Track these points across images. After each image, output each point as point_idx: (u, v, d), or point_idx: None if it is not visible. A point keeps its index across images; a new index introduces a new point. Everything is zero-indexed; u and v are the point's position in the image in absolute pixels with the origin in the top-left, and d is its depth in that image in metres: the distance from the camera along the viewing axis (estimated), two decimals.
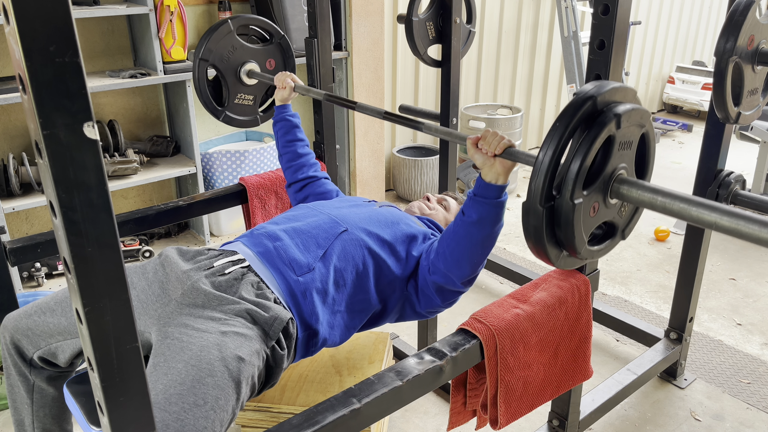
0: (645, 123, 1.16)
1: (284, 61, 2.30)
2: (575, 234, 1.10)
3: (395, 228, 1.62)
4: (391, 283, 1.58)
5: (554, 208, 1.10)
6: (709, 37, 6.45)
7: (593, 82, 1.13)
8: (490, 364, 1.35)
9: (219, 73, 2.16)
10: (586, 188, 1.10)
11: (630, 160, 1.17)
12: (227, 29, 2.11)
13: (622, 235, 1.26)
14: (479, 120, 4.08)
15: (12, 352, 1.46)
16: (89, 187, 0.68)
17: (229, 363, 1.22)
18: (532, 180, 1.09)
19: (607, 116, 1.07)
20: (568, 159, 1.08)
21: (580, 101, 1.08)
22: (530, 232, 1.13)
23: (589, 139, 1.06)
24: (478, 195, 1.39)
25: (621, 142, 1.12)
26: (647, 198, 1.09)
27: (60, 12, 0.61)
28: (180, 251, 1.49)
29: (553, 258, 1.16)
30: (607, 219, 1.20)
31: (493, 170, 1.37)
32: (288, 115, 2.02)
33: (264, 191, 2.17)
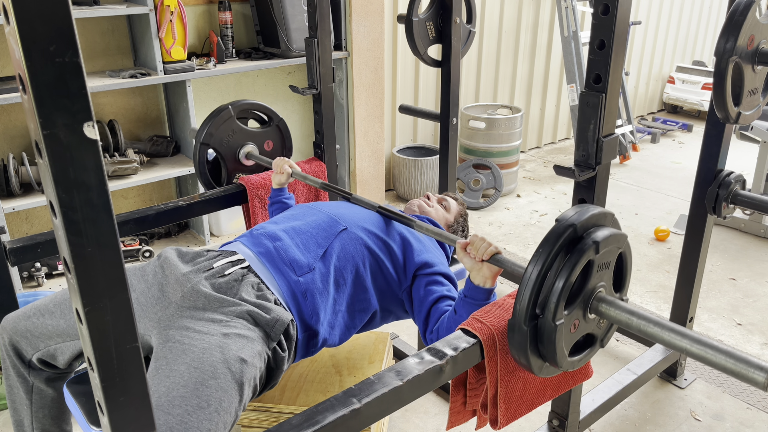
0: (621, 245, 1.25)
1: (282, 142, 2.36)
2: (557, 351, 1.20)
3: (391, 228, 1.64)
4: (388, 283, 1.58)
5: (537, 327, 1.20)
6: (709, 37, 6.45)
7: (575, 208, 1.23)
8: (490, 364, 1.35)
9: (219, 155, 2.23)
10: (567, 307, 1.19)
11: (608, 278, 1.27)
12: (228, 115, 2.19)
13: (600, 344, 1.35)
14: (479, 120, 4.08)
15: (11, 353, 1.46)
16: (89, 187, 0.68)
17: (232, 365, 1.22)
18: (517, 300, 1.20)
19: (586, 243, 1.17)
20: (551, 281, 1.17)
21: (562, 229, 1.18)
22: (515, 347, 1.24)
23: (570, 265, 1.16)
24: (468, 297, 1.44)
25: (599, 264, 1.21)
26: (624, 318, 1.20)
27: (60, 12, 0.61)
28: (179, 252, 1.49)
29: (536, 369, 1.26)
30: (586, 332, 1.29)
31: (480, 274, 1.42)
32: (284, 198, 2.07)
33: (264, 191, 2.17)
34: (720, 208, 2.05)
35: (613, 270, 1.28)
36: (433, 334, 1.53)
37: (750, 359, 1.04)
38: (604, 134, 1.48)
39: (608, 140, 1.49)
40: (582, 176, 1.50)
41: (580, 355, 1.30)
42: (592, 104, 1.45)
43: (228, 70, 3.17)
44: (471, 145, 4.14)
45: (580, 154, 1.51)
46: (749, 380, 1.03)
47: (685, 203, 4.03)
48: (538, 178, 4.57)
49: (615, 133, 1.51)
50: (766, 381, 1.01)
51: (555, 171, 1.50)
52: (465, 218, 2.01)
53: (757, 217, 3.58)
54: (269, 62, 3.29)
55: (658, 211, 3.96)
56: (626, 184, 4.43)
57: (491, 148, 4.08)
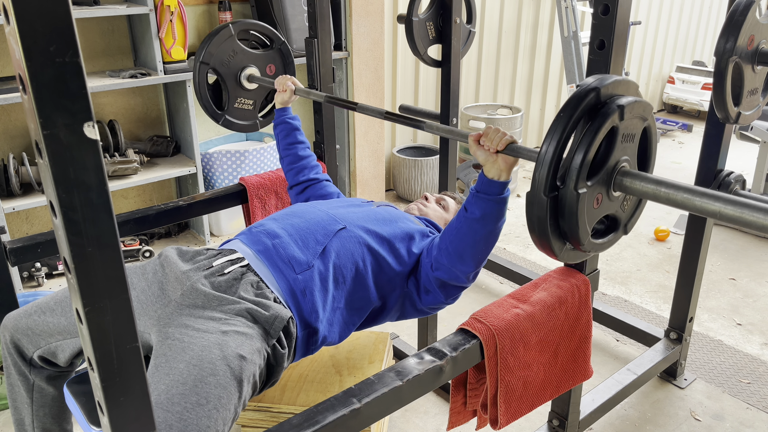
0: (647, 116, 1.16)
1: (284, 67, 2.30)
2: (579, 225, 1.10)
3: (393, 225, 1.63)
4: (390, 280, 1.58)
5: (558, 198, 1.10)
6: (709, 37, 6.45)
7: (595, 75, 1.13)
8: (490, 364, 1.35)
9: (219, 77, 2.16)
10: (589, 179, 1.10)
11: (633, 153, 1.17)
12: (228, 33, 2.12)
13: (624, 230, 1.26)
14: (479, 120, 4.08)
15: (12, 351, 1.47)
16: (89, 187, 0.68)
17: (231, 362, 1.22)
18: (536, 171, 1.09)
19: (610, 107, 1.08)
20: (572, 150, 1.08)
21: (584, 93, 1.08)
22: (534, 224, 1.13)
23: (592, 131, 1.06)
24: (481, 191, 1.39)
25: (624, 134, 1.12)
26: (650, 189, 1.10)
27: (60, 12, 0.61)
28: (179, 251, 1.49)
29: (557, 250, 1.16)
30: (609, 212, 1.20)
31: (495, 167, 1.37)
32: (288, 118, 2.02)
33: (264, 191, 2.17)
34: None
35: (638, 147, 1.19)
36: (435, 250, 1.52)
37: None
38: None
39: None
40: None
41: (604, 239, 1.22)
42: None
43: None
44: None
45: None
46: None
47: None
48: None
49: None
50: None
51: None
52: None
53: None
54: None
55: (658, 211, 3.96)
56: None
57: None
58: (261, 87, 2.24)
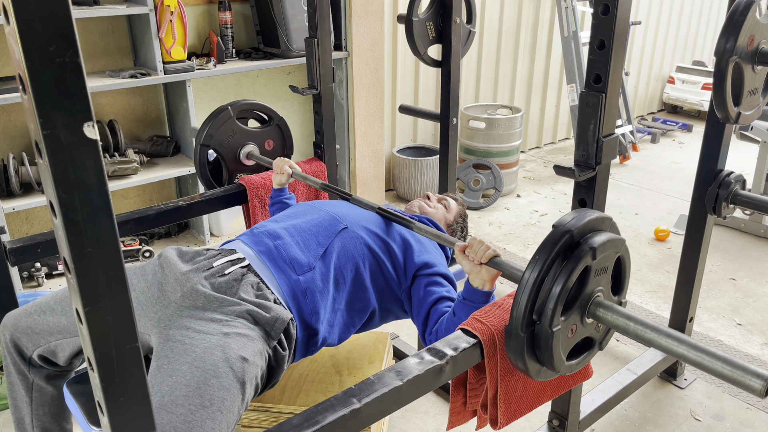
0: (619, 249, 1.24)
1: (283, 141, 2.36)
2: (554, 356, 1.20)
3: (391, 228, 1.64)
4: (388, 283, 1.58)
5: (535, 332, 1.19)
6: (709, 37, 6.45)
7: (573, 213, 1.22)
8: (490, 364, 1.35)
9: (219, 156, 2.23)
10: (564, 313, 1.18)
11: (606, 282, 1.26)
12: (227, 116, 2.19)
13: (599, 347, 1.34)
14: (479, 120, 4.08)
15: (12, 350, 1.47)
16: (89, 187, 0.68)
17: (233, 364, 1.22)
18: (514, 307, 1.19)
19: (583, 249, 1.17)
20: (548, 286, 1.16)
21: (558, 235, 1.17)
22: (512, 352, 1.24)
23: (567, 271, 1.15)
24: (467, 299, 1.44)
25: (597, 270, 1.21)
26: (621, 323, 1.19)
27: (60, 12, 0.61)
28: (179, 252, 1.49)
29: (533, 373, 1.26)
30: (585, 335, 1.28)
31: (479, 277, 1.42)
32: (285, 199, 2.07)
33: (264, 191, 2.17)
34: (720, 208, 2.05)
35: (612, 273, 1.27)
36: (432, 335, 1.53)
37: (747, 366, 1.03)
38: (604, 134, 1.48)
39: (608, 140, 1.49)
40: (582, 176, 1.50)
41: (578, 359, 1.30)
42: (592, 104, 1.45)
43: (228, 70, 3.17)
44: (471, 145, 4.14)
45: (580, 154, 1.51)
46: (746, 387, 1.02)
47: (685, 203, 4.03)
48: (538, 178, 4.57)
49: (615, 133, 1.51)
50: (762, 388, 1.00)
51: (555, 171, 1.50)
52: (464, 218, 2.02)
53: (757, 217, 3.58)
54: (269, 62, 3.29)
55: (658, 211, 3.96)
56: (626, 184, 4.43)
57: (491, 148, 4.08)
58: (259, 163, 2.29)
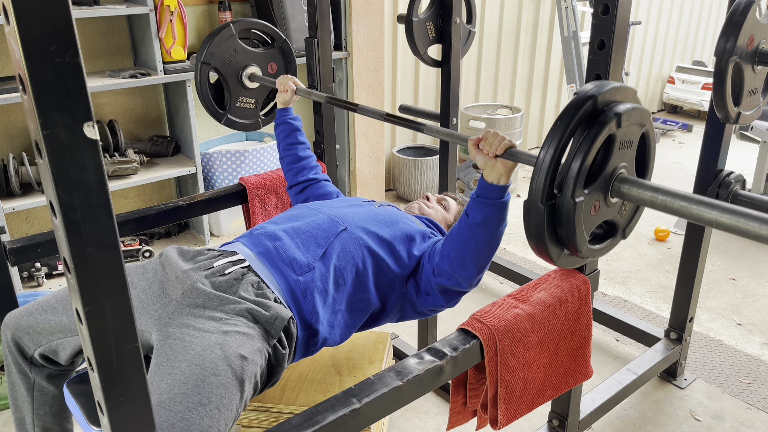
0: (645, 122, 1.16)
1: (286, 65, 2.30)
2: (576, 232, 1.11)
3: (394, 227, 1.63)
4: (390, 282, 1.58)
5: (555, 206, 1.11)
6: (709, 37, 6.45)
7: (593, 82, 1.13)
8: (490, 364, 1.35)
9: (221, 76, 2.16)
10: (587, 187, 1.10)
11: (630, 160, 1.18)
12: (229, 33, 2.12)
13: (623, 234, 1.26)
14: (479, 120, 4.08)
15: (13, 349, 1.47)
16: (89, 187, 0.68)
17: (233, 362, 1.22)
18: (533, 179, 1.10)
19: (608, 115, 1.08)
20: (569, 158, 1.08)
21: (581, 100, 1.08)
22: (532, 231, 1.14)
23: (589, 138, 1.07)
24: (481, 196, 1.40)
25: (621, 141, 1.13)
26: (648, 197, 1.10)
27: (60, 12, 0.61)
28: (180, 251, 1.49)
29: (555, 256, 1.16)
30: (608, 218, 1.20)
31: (494, 171, 1.37)
32: (289, 118, 2.02)
33: (264, 191, 2.17)
34: None
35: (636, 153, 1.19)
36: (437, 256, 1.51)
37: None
38: None
39: None
40: None
41: (602, 245, 1.22)
42: None
43: None
44: None
45: None
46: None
47: None
48: None
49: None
50: None
51: None
52: None
53: None
54: None
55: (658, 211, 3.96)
56: None
57: None
58: (262, 86, 2.24)
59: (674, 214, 1.08)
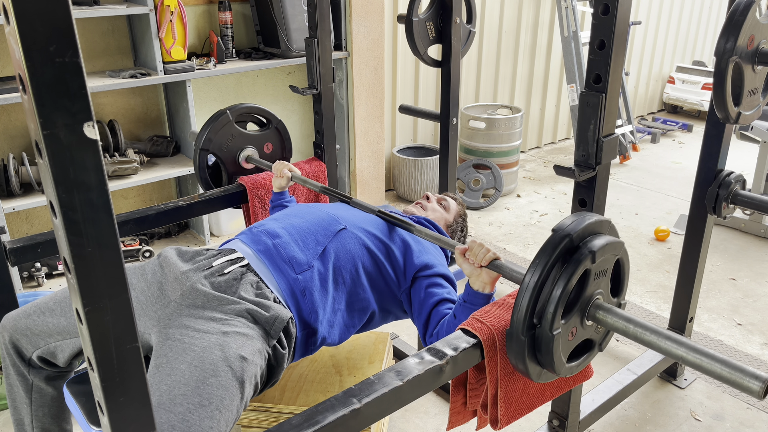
0: (618, 252, 1.25)
1: (282, 144, 2.36)
2: (554, 359, 1.21)
3: (391, 230, 1.64)
4: (387, 284, 1.58)
5: (535, 336, 1.20)
6: (709, 37, 6.45)
7: (572, 217, 1.23)
8: (490, 364, 1.35)
9: (219, 159, 2.24)
10: (564, 316, 1.19)
11: (606, 285, 1.27)
12: (226, 120, 2.19)
13: (599, 348, 1.35)
14: (479, 120, 4.08)
15: (11, 351, 1.47)
16: (89, 187, 0.68)
17: (233, 363, 1.22)
18: (515, 311, 1.20)
19: (583, 253, 1.18)
20: (548, 290, 1.17)
21: (558, 239, 1.18)
22: (513, 356, 1.25)
23: (567, 275, 1.16)
24: (468, 302, 1.44)
25: (596, 273, 1.22)
26: (621, 325, 1.20)
27: (60, 12, 0.61)
28: (179, 251, 1.49)
29: (534, 376, 1.27)
30: (584, 338, 1.29)
31: (479, 280, 1.42)
32: (285, 202, 2.07)
33: (264, 191, 2.17)
34: (720, 208, 2.05)
35: (611, 275, 1.28)
36: (433, 337, 1.53)
37: (745, 368, 1.04)
38: (604, 134, 1.48)
39: (608, 140, 1.49)
40: (582, 176, 1.50)
41: (578, 360, 1.31)
42: (592, 104, 1.45)
43: (228, 70, 3.17)
44: (471, 145, 4.14)
45: (580, 154, 1.51)
46: (744, 389, 1.03)
47: (685, 203, 4.03)
48: (538, 178, 4.57)
49: (615, 133, 1.51)
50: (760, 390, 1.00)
51: (555, 171, 1.50)
52: (464, 218, 2.01)
53: (757, 217, 3.58)
54: (269, 62, 3.29)
55: (658, 211, 3.96)
56: (626, 184, 4.43)
57: (491, 148, 4.08)
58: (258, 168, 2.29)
59: (645, 346, 1.18)
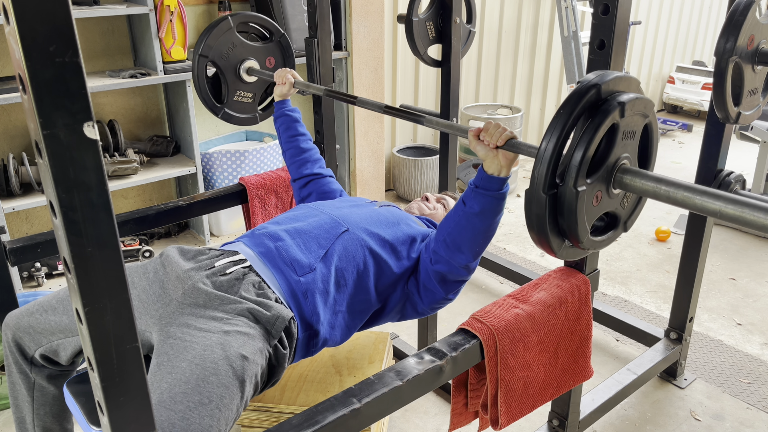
0: (648, 113, 1.15)
1: (284, 59, 2.30)
2: (578, 222, 1.10)
3: (396, 228, 1.63)
4: (392, 283, 1.58)
5: (557, 195, 1.09)
6: (709, 37, 6.45)
7: (596, 72, 1.12)
8: (490, 364, 1.35)
9: (218, 69, 2.15)
10: (589, 177, 1.09)
11: (633, 150, 1.17)
12: (227, 26, 2.11)
13: (624, 227, 1.25)
14: (479, 120, 4.08)
15: (13, 349, 1.47)
16: (89, 187, 0.68)
17: (233, 362, 1.22)
18: (535, 168, 1.08)
19: (611, 104, 1.07)
20: (572, 147, 1.07)
21: (584, 89, 1.07)
22: (533, 221, 1.12)
23: (592, 127, 1.06)
24: (480, 187, 1.39)
25: (624, 131, 1.11)
26: (650, 187, 1.09)
27: (60, 12, 0.61)
28: (181, 250, 1.49)
29: (555, 247, 1.15)
30: (609, 209, 1.19)
31: (495, 162, 1.37)
32: (288, 110, 2.02)
33: (264, 191, 2.17)
34: None
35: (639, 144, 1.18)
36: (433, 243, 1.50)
37: None
38: None
39: None
40: None
41: (604, 236, 1.21)
42: None
43: None
44: None
45: None
46: None
47: None
48: None
49: None
50: None
51: None
52: None
53: None
54: None
55: (658, 211, 3.96)
56: None
57: None
58: (260, 80, 2.23)
59: (677, 205, 1.06)
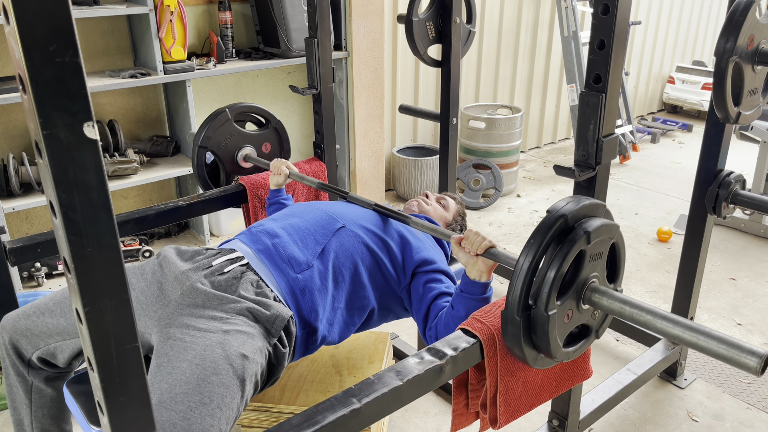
0: (613, 235, 1.25)
1: (280, 145, 2.37)
2: (550, 341, 1.20)
3: (389, 226, 1.65)
4: (387, 281, 1.59)
5: (530, 317, 1.19)
6: (709, 37, 6.45)
7: (567, 199, 1.23)
8: (490, 363, 1.35)
9: (217, 158, 2.25)
10: (560, 298, 1.19)
11: (602, 269, 1.27)
12: (225, 118, 2.21)
13: (596, 335, 1.35)
14: (479, 120, 4.08)
15: (10, 352, 1.47)
16: (89, 187, 0.68)
17: (234, 361, 1.22)
18: (510, 292, 1.19)
19: (578, 233, 1.17)
20: (543, 271, 1.16)
21: (553, 219, 1.17)
22: (509, 338, 1.24)
23: (561, 255, 1.15)
24: (464, 291, 1.44)
25: (591, 255, 1.21)
26: (617, 307, 1.19)
27: (60, 12, 0.61)
28: (178, 251, 1.49)
29: (530, 360, 1.26)
30: (581, 322, 1.28)
31: (476, 268, 1.42)
32: (282, 200, 2.07)
33: (264, 191, 2.17)
34: (720, 208, 2.05)
35: (607, 261, 1.27)
36: (431, 330, 1.53)
37: (742, 345, 1.03)
38: (604, 134, 1.48)
39: (608, 140, 1.49)
40: (582, 176, 1.50)
41: (575, 346, 1.30)
42: (592, 104, 1.45)
43: (228, 70, 3.17)
44: (471, 145, 4.14)
45: (580, 154, 1.51)
46: (742, 365, 1.02)
47: (685, 203, 4.03)
48: (538, 178, 4.57)
49: (615, 133, 1.51)
50: (758, 366, 1.00)
51: (555, 171, 1.50)
52: (463, 217, 2.02)
53: (757, 217, 3.58)
54: (269, 62, 3.29)
55: (658, 211, 3.96)
56: (626, 184, 4.43)
57: (491, 148, 4.08)
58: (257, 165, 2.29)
59: (640, 326, 1.17)
